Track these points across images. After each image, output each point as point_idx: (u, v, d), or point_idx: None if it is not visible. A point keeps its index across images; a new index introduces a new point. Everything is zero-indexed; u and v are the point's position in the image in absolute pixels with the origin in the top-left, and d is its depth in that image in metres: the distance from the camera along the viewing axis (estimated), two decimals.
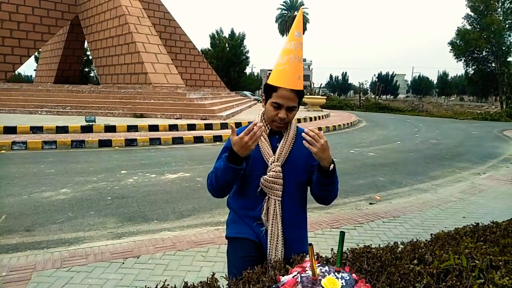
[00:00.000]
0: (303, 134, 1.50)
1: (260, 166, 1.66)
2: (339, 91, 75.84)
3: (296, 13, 55.49)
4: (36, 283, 2.88)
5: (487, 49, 30.32)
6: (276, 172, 1.63)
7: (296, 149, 1.69)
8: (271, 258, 1.61)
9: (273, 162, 1.64)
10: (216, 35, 38.92)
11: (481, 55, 31.15)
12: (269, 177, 1.63)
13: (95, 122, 11.48)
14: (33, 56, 25.42)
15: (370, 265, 1.53)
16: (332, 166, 1.52)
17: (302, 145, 1.62)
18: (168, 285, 1.47)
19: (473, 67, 32.30)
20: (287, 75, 1.59)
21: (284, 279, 1.19)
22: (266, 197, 1.65)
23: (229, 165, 1.49)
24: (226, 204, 1.84)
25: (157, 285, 1.60)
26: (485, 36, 29.23)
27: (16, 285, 2.85)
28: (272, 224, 1.63)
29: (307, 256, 1.43)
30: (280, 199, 1.64)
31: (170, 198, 5.31)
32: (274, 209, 1.64)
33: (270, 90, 1.62)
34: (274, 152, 1.66)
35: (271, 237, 1.63)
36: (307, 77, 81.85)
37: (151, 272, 3.10)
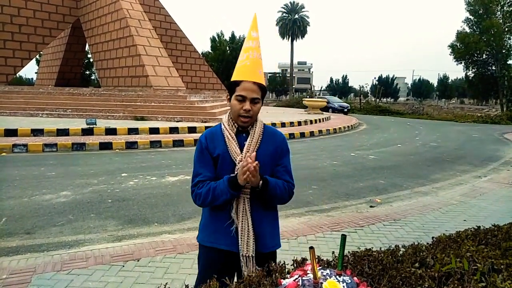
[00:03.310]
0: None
1: (229, 166, 1.70)
2: (339, 94, 75.87)
3: (297, 16, 55.49)
4: (36, 286, 2.88)
5: (487, 52, 30.34)
6: None
7: (263, 147, 1.74)
8: (243, 254, 1.66)
9: (241, 161, 1.68)
10: (216, 38, 39.00)
11: (481, 58, 31.16)
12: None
13: (95, 124, 11.49)
14: (34, 59, 25.45)
15: (371, 268, 1.53)
16: (261, 183, 1.62)
17: (269, 143, 1.75)
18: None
19: (473, 70, 32.30)
20: (248, 69, 1.68)
21: (285, 282, 1.19)
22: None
23: (231, 191, 1.62)
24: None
25: None
26: (485, 39, 29.25)
27: None
28: (242, 221, 1.68)
29: (305, 258, 1.43)
30: (248, 196, 1.69)
31: (170, 201, 5.30)
32: (244, 207, 1.69)
33: (233, 85, 1.70)
34: (241, 150, 1.71)
35: (241, 233, 1.67)
36: (307, 80, 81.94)
37: (152, 275, 3.10)
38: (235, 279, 1.66)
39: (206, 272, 1.72)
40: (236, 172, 1.65)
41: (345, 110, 28.80)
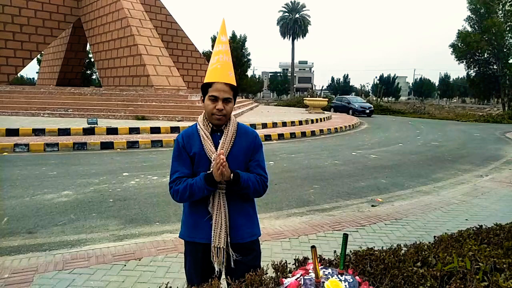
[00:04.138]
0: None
1: (205, 163, 1.80)
2: (340, 93, 75.83)
3: (297, 15, 55.41)
4: (38, 285, 2.88)
5: (489, 51, 30.26)
6: None
7: (237, 144, 1.83)
8: (214, 245, 1.75)
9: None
10: None
11: (482, 57, 31.07)
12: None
13: (97, 124, 11.50)
14: (35, 59, 25.49)
15: (373, 268, 1.53)
16: (232, 177, 1.71)
17: (242, 140, 1.85)
18: (170, 287, 1.46)
19: (475, 69, 32.21)
20: (219, 71, 1.79)
21: (287, 281, 1.19)
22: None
23: (207, 187, 1.72)
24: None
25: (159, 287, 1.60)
26: (486, 38, 29.17)
27: (18, 287, 2.85)
28: (216, 214, 1.77)
29: (307, 257, 1.43)
30: (224, 191, 1.78)
31: (171, 200, 5.27)
32: (219, 201, 1.78)
33: (206, 87, 1.80)
34: (216, 148, 1.79)
35: (215, 225, 1.76)
36: (308, 79, 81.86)
37: (153, 275, 3.10)
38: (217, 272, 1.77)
39: (190, 267, 1.89)
40: (211, 169, 1.73)
41: (367, 111, 26.06)
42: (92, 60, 26.88)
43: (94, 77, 38.65)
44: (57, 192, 5.56)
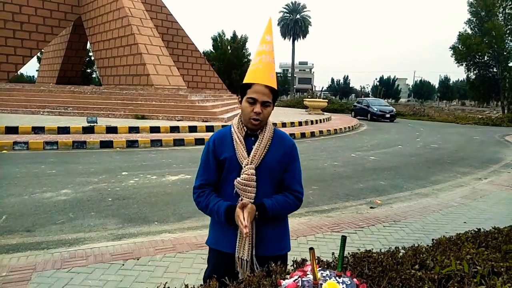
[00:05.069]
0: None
1: (235, 169, 1.70)
2: (340, 95, 75.85)
3: (298, 16, 55.44)
4: (36, 284, 2.88)
5: (489, 54, 30.27)
6: (249, 174, 1.67)
7: (272, 152, 1.72)
8: (239, 257, 1.66)
9: (247, 165, 1.68)
10: (218, 38, 38.97)
11: (482, 60, 31.08)
12: (242, 179, 1.67)
13: (96, 123, 11.50)
14: (35, 57, 25.46)
15: (371, 270, 1.53)
16: (257, 214, 1.63)
17: (278, 148, 1.73)
18: (168, 287, 1.46)
19: (475, 72, 32.22)
20: (260, 72, 1.68)
21: (285, 283, 1.19)
22: (240, 199, 1.69)
23: (225, 222, 1.65)
24: None
25: (157, 287, 1.60)
26: (486, 41, 29.19)
27: (16, 286, 2.85)
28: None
29: (305, 259, 1.43)
30: (252, 201, 1.67)
31: (170, 200, 5.31)
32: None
33: (245, 88, 1.70)
34: (249, 154, 1.70)
35: (239, 236, 1.67)
36: (308, 80, 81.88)
37: (151, 274, 3.10)
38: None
39: (210, 273, 1.73)
40: (241, 176, 1.67)
41: (388, 115, 22.97)
42: (92, 58, 26.87)
43: (94, 75, 38.61)
44: (56, 190, 5.55)
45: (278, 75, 69.97)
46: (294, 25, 54.17)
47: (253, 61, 1.73)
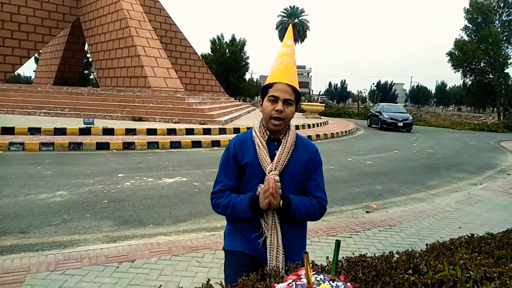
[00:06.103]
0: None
1: (258, 174, 1.63)
2: (337, 99, 76.14)
3: (296, 20, 55.70)
4: (30, 286, 2.86)
5: (485, 61, 30.52)
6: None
7: (295, 157, 1.67)
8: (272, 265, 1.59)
9: (271, 171, 1.62)
10: (216, 41, 39.08)
11: (478, 66, 31.33)
12: None
13: (93, 124, 11.47)
14: (33, 57, 25.41)
15: (365, 274, 1.54)
16: (281, 204, 1.58)
17: (301, 153, 1.66)
18: None
19: (471, 78, 32.48)
20: (281, 72, 1.66)
21: (279, 286, 1.19)
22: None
23: (251, 214, 1.57)
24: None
25: None
26: (483, 48, 29.45)
27: (9, 287, 2.83)
28: (271, 235, 1.61)
29: (299, 263, 1.44)
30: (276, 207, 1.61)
31: (166, 202, 5.30)
32: (273, 219, 1.61)
33: (266, 88, 1.66)
34: (272, 159, 1.63)
35: (270, 247, 1.60)
36: (306, 84, 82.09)
37: (146, 277, 3.09)
38: None
39: (232, 276, 1.59)
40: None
41: (400, 123, 19.23)
42: (90, 60, 26.88)
43: (91, 77, 38.56)
44: (51, 192, 5.53)
45: None
46: (293, 29, 54.37)
47: (274, 63, 1.71)
